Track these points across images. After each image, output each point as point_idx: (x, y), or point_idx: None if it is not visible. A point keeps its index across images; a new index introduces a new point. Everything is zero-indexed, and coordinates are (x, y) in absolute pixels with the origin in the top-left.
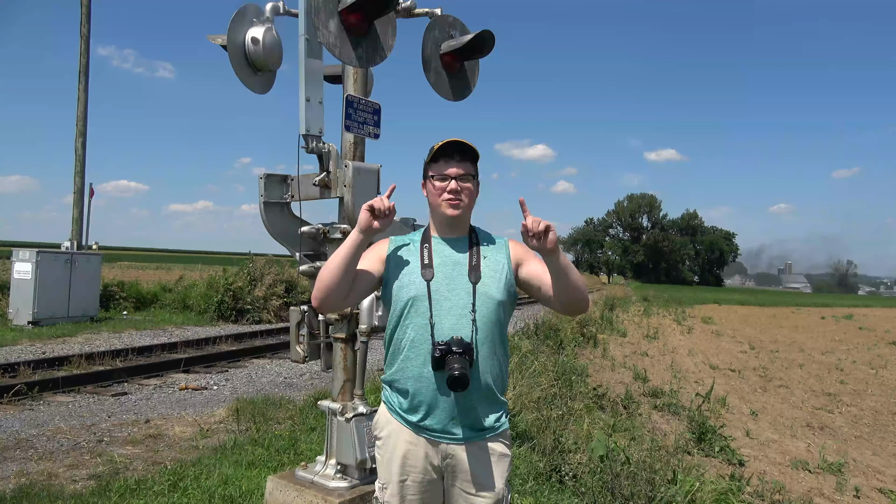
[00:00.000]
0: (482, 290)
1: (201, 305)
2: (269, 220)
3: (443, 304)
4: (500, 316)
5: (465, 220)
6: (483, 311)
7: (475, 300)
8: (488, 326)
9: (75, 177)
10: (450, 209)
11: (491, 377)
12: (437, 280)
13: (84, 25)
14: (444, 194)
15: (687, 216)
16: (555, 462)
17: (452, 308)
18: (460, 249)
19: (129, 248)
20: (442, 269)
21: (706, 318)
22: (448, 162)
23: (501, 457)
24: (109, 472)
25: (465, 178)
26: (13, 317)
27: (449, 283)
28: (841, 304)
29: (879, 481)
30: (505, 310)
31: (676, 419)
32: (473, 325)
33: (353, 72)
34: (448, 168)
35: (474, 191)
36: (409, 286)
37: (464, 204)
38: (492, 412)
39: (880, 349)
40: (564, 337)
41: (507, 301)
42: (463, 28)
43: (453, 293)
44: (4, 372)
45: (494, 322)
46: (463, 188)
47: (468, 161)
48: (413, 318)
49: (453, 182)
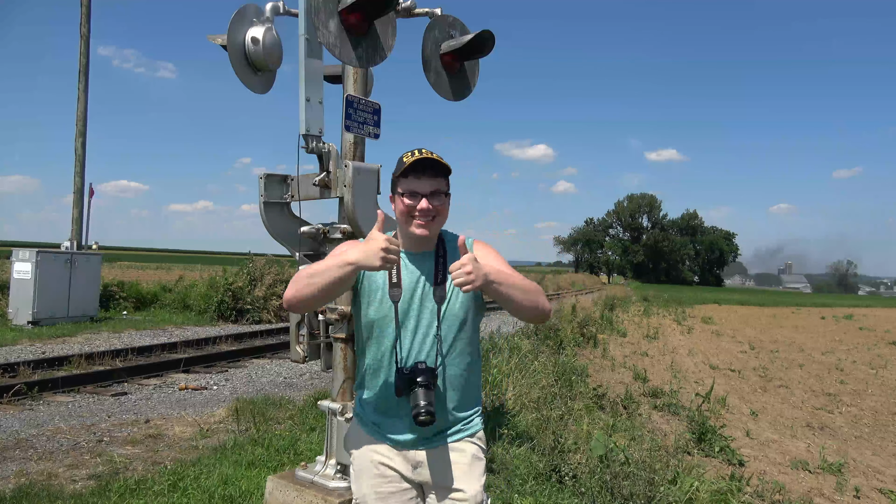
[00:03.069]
0: (448, 309)
1: (201, 305)
2: (269, 220)
3: (409, 325)
4: (467, 332)
5: (435, 235)
6: (449, 330)
7: (440, 320)
8: (454, 344)
9: (75, 177)
10: (419, 229)
11: (458, 391)
12: (404, 300)
13: (84, 25)
14: (415, 213)
15: (687, 216)
16: (554, 462)
17: (418, 328)
18: (427, 266)
19: (129, 248)
20: (409, 288)
21: (706, 318)
22: (419, 178)
23: (475, 459)
24: (109, 472)
25: (437, 195)
26: (13, 317)
27: (415, 303)
28: (841, 304)
29: (879, 481)
30: (472, 322)
31: (676, 419)
32: (438, 345)
33: (353, 72)
34: (418, 185)
35: (446, 208)
36: (377, 306)
37: (434, 225)
38: (460, 414)
39: (880, 349)
40: (564, 337)
41: (473, 314)
42: (463, 28)
43: (417, 314)
44: (4, 372)
45: (461, 339)
46: (434, 206)
47: (440, 176)
48: (379, 338)
49: (424, 201)
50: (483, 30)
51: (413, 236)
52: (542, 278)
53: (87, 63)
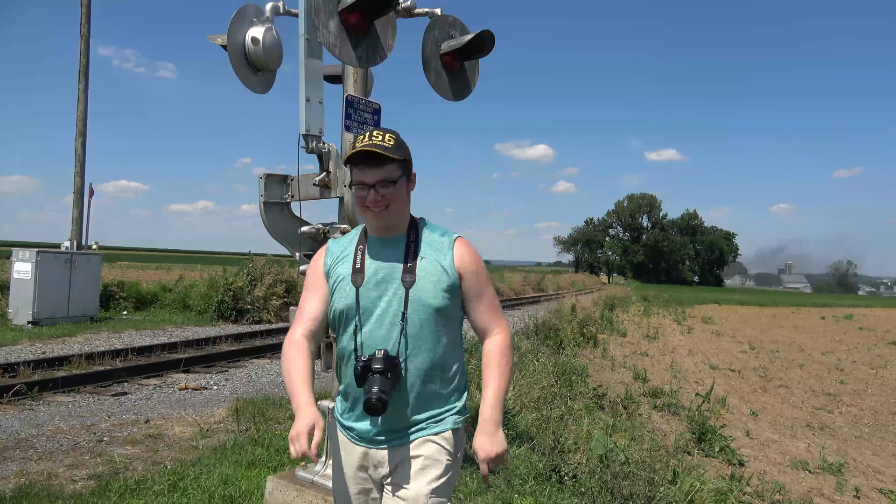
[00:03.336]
0: (416, 295)
1: (201, 305)
2: (269, 220)
3: (373, 311)
4: (438, 323)
5: (397, 220)
6: (416, 318)
7: (406, 307)
8: (423, 335)
9: (75, 177)
10: (375, 219)
11: (427, 388)
12: (366, 286)
13: (84, 25)
14: (366, 204)
15: (687, 216)
16: (554, 462)
17: (383, 316)
18: (395, 250)
19: (129, 248)
20: (373, 273)
21: (706, 318)
22: (363, 169)
23: (431, 460)
24: (109, 472)
25: (386, 184)
26: (13, 317)
27: (379, 288)
28: (841, 304)
29: (879, 481)
30: (448, 312)
31: (676, 419)
32: (403, 335)
33: (353, 72)
34: (365, 176)
35: (401, 193)
36: (341, 295)
37: (389, 213)
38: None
39: (880, 349)
40: (564, 337)
41: (447, 306)
42: (463, 28)
43: (383, 299)
44: (4, 372)
45: (431, 330)
46: (384, 195)
47: (389, 163)
48: (345, 329)
49: (372, 192)
50: (483, 30)
51: (373, 222)
52: (542, 278)
53: (87, 63)
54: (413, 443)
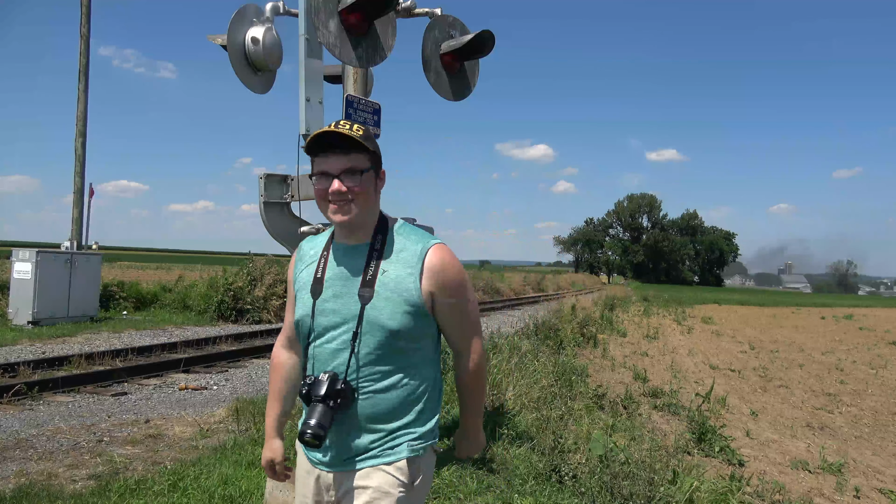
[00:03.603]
0: (371, 314)
1: (201, 305)
2: (269, 220)
3: (327, 327)
4: (398, 347)
5: (361, 224)
6: (371, 340)
7: (360, 327)
8: (380, 359)
9: (75, 177)
10: (336, 215)
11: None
12: (323, 298)
13: (84, 25)
14: (328, 197)
15: (687, 216)
16: (554, 462)
17: (336, 334)
18: (358, 259)
19: (129, 248)
20: (332, 283)
21: (706, 318)
22: (327, 157)
23: (380, 493)
24: (109, 472)
25: (352, 174)
26: (13, 317)
27: (336, 302)
28: (841, 304)
29: (879, 481)
30: (411, 333)
31: (676, 419)
32: (354, 357)
33: (353, 72)
34: (328, 164)
35: (368, 188)
36: (300, 304)
37: (354, 208)
38: (378, 437)
39: (880, 349)
40: (564, 337)
41: (410, 328)
42: (463, 28)
43: (338, 315)
44: (4, 372)
45: (389, 355)
46: (350, 188)
47: (356, 151)
48: (302, 341)
49: (335, 182)
50: (483, 30)
51: (332, 223)
52: (542, 278)
53: (87, 63)
54: (361, 471)
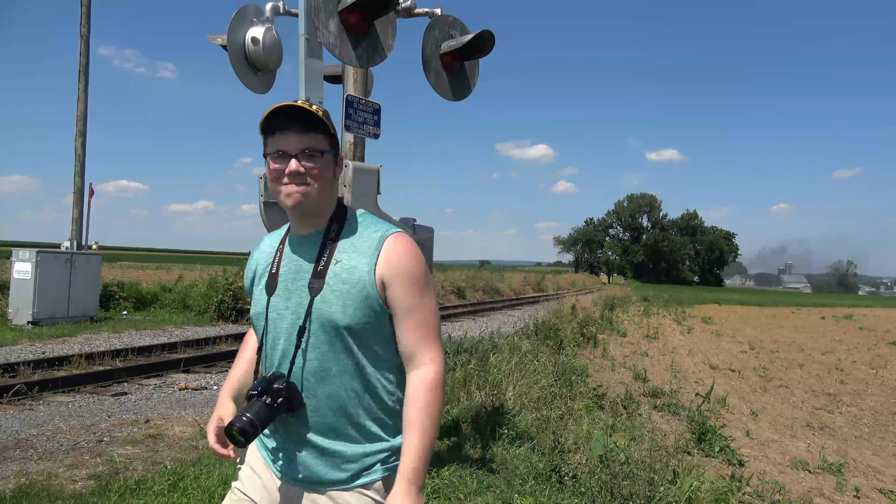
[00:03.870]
0: (320, 307)
1: (201, 305)
2: (269, 220)
3: (279, 324)
4: (351, 345)
5: (317, 210)
6: (321, 336)
7: (308, 322)
8: (331, 357)
9: (75, 177)
10: (288, 198)
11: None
12: (277, 294)
13: (84, 25)
14: (283, 178)
15: (687, 216)
16: (554, 462)
17: (285, 330)
18: (311, 249)
19: (129, 248)
20: (285, 277)
21: (706, 318)
22: (285, 134)
23: None
24: (109, 472)
25: (311, 154)
26: (13, 317)
27: (288, 297)
28: (841, 304)
29: (879, 481)
30: (367, 335)
31: (676, 419)
32: (301, 355)
33: (353, 72)
34: (285, 143)
35: (327, 171)
36: (255, 302)
37: (311, 191)
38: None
39: (880, 349)
40: (564, 337)
41: (364, 324)
42: (463, 28)
43: (289, 311)
44: (4, 372)
45: (342, 353)
46: (308, 169)
47: (314, 131)
48: (260, 342)
49: (293, 162)
50: (483, 30)
51: (285, 207)
52: (542, 278)
53: (87, 63)
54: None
